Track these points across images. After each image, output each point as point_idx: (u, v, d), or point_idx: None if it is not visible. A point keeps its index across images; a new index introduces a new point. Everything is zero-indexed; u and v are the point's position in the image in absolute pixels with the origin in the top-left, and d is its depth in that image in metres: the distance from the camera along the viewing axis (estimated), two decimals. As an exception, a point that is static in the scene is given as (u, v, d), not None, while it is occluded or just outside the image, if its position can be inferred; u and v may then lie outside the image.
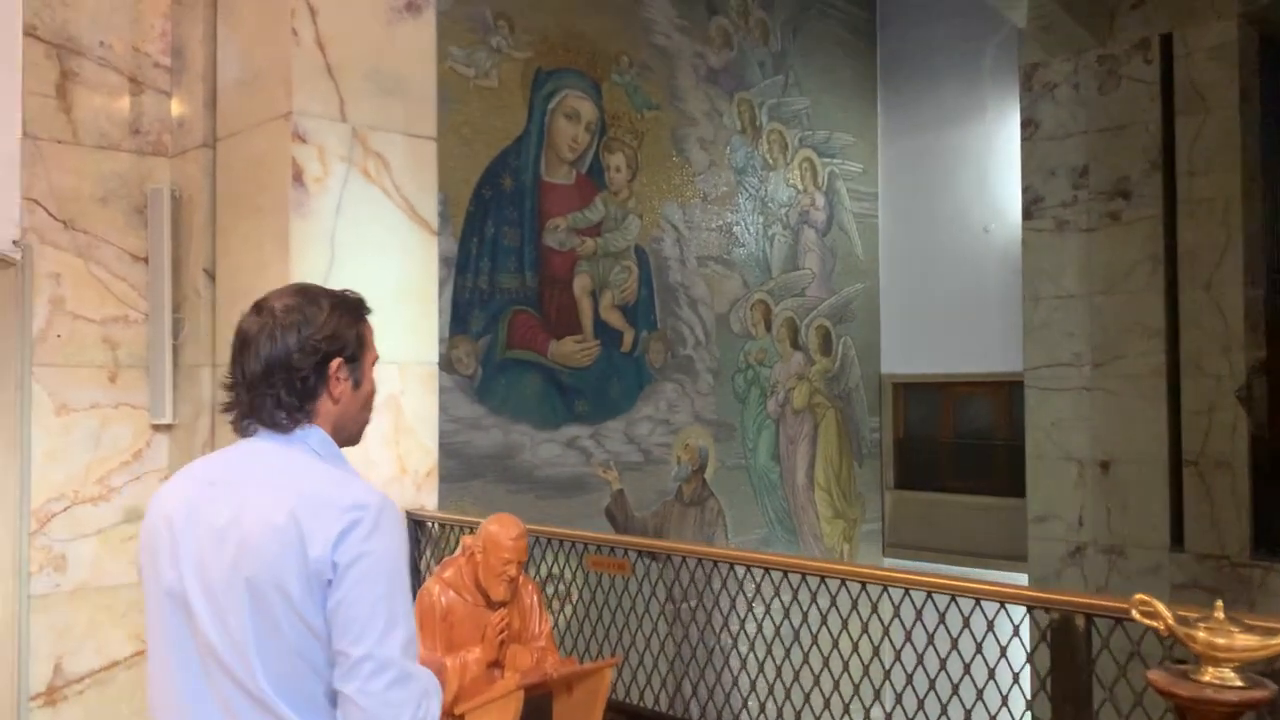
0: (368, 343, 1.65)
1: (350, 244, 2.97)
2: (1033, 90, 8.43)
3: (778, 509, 8.87)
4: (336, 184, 2.95)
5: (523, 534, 2.39)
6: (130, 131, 3.38)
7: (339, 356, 1.60)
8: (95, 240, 3.31)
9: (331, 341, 1.60)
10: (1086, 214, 8.13)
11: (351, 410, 1.63)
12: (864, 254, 9.74)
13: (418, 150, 3.11)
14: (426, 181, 3.13)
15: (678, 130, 8.17)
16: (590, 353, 7.49)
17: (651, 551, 2.56)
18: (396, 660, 1.42)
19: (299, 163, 2.88)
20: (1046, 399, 8.35)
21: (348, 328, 1.62)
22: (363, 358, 1.63)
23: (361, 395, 1.64)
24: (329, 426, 1.62)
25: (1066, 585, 8.14)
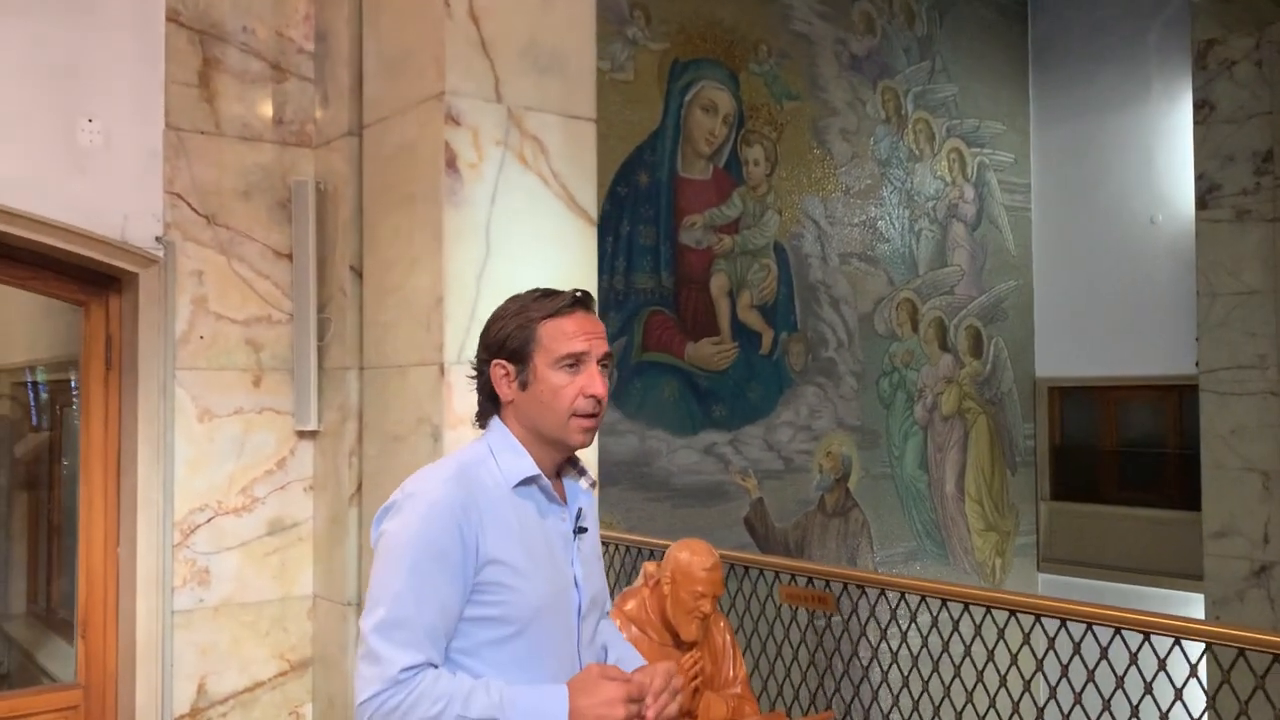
0: (542, 343, 1.63)
1: (506, 235, 2.72)
2: (1207, 69, 7.75)
3: (925, 521, 8.39)
4: (491, 170, 2.70)
5: (718, 564, 2.07)
6: (273, 121, 3.21)
7: (499, 358, 1.65)
8: (238, 236, 3.14)
9: (493, 343, 1.67)
10: (1272, 202, 7.43)
11: (532, 411, 1.64)
12: (1016, 249, 9.17)
13: (576, 133, 2.84)
14: (585, 167, 2.86)
15: (819, 121, 7.79)
16: (728, 355, 7.19)
17: (860, 584, 2.22)
18: (367, 637, 1.53)
19: (452, 147, 2.64)
20: (1225, 404, 7.67)
21: (518, 329, 1.64)
22: (532, 358, 1.63)
23: (536, 396, 1.63)
24: (517, 425, 1.67)
25: (1249, 608, 7.47)
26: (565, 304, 1.64)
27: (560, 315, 1.63)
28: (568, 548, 1.66)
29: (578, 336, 1.62)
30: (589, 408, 1.62)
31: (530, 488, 1.63)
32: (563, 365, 1.61)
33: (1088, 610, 2.24)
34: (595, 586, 1.73)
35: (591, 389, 1.62)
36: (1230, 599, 7.61)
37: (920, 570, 8.22)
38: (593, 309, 1.69)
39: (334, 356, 3.12)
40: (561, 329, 1.63)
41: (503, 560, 1.57)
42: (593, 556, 1.73)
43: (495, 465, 1.63)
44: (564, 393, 1.61)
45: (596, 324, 1.67)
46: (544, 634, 1.60)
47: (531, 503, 1.63)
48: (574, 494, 1.72)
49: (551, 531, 1.64)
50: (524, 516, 1.61)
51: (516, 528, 1.59)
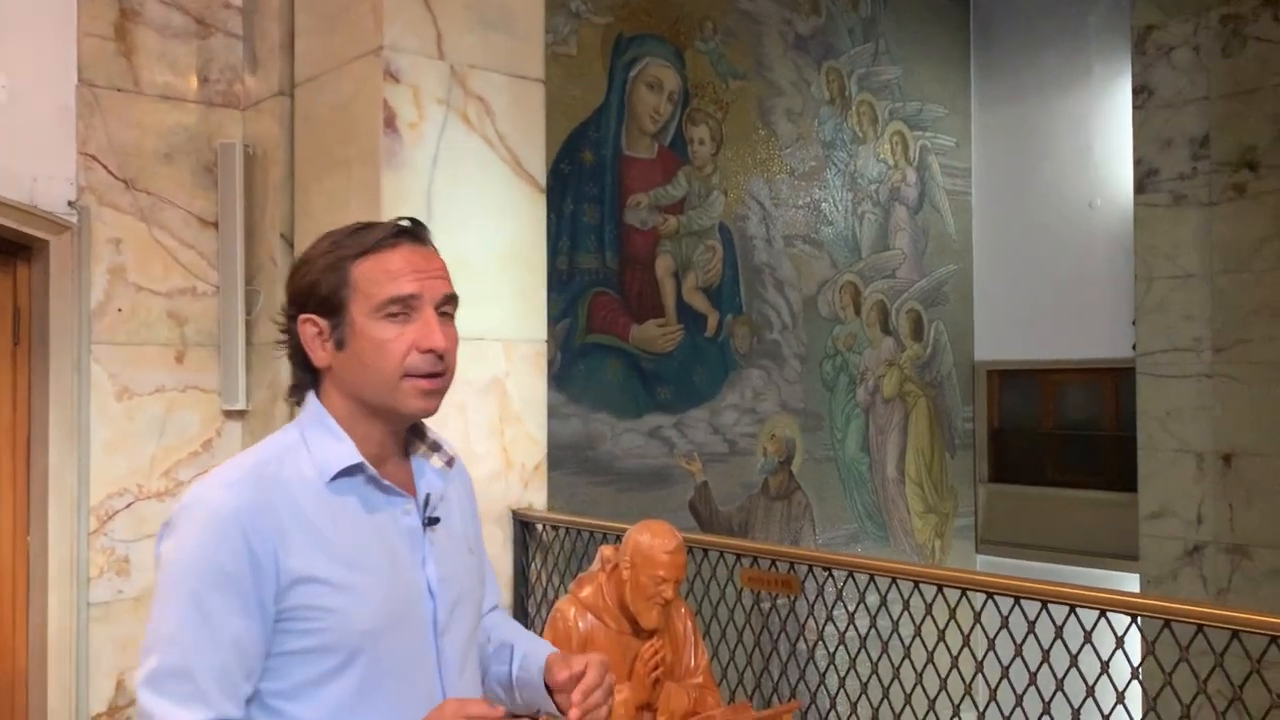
0: (358, 287, 1.30)
1: (448, 201, 2.56)
2: (1146, 54, 7.82)
3: (867, 503, 8.39)
4: (433, 131, 2.53)
5: (681, 546, 1.95)
6: (198, 80, 3.00)
7: (307, 312, 1.34)
8: (159, 202, 2.93)
9: (299, 293, 1.36)
10: (1207, 187, 7.52)
11: (353, 375, 1.32)
12: (957, 233, 9.19)
13: (523, 94, 2.68)
14: (533, 131, 2.71)
15: (764, 101, 7.69)
16: (673, 337, 7.08)
17: (827, 565, 2.11)
18: (137, 692, 1.24)
19: (391, 106, 2.47)
20: (1162, 387, 7.77)
21: (327, 271, 1.32)
22: (347, 308, 1.30)
23: (355, 356, 1.31)
24: (340, 398, 1.35)
25: (1183, 587, 7.60)
26: (386, 236, 1.32)
27: (380, 250, 1.31)
28: (416, 547, 1.35)
29: (404, 275, 1.30)
30: (426, 365, 1.30)
31: (353, 479, 1.32)
32: (386, 313, 1.29)
33: (1045, 589, 2.18)
34: (460, 586, 1.40)
35: (427, 341, 1.29)
36: (1165, 578, 7.73)
37: (862, 552, 8.22)
38: (427, 241, 1.36)
39: (263, 331, 2.94)
40: (382, 267, 1.30)
41: (314, 577, 1.25)
42: (455, 551, 1.41)
43: (307, 455, 1.32)
44: (390, 348, 1.29)
45: (432, 259, 1.34)
46: (385, 662, 1.28)
47: (355, 498, 1.31)
48: (424, 476, 1.41)
49: (388, 530, 1.33)
50: (344, 517, 1.30)
51: (332, 533, 1.28)
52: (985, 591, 2.06)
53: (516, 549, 2.62)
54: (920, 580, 2.06)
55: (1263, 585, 7.23)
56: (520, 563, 2.64)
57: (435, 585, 1.35)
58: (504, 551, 2.68)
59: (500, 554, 2.67)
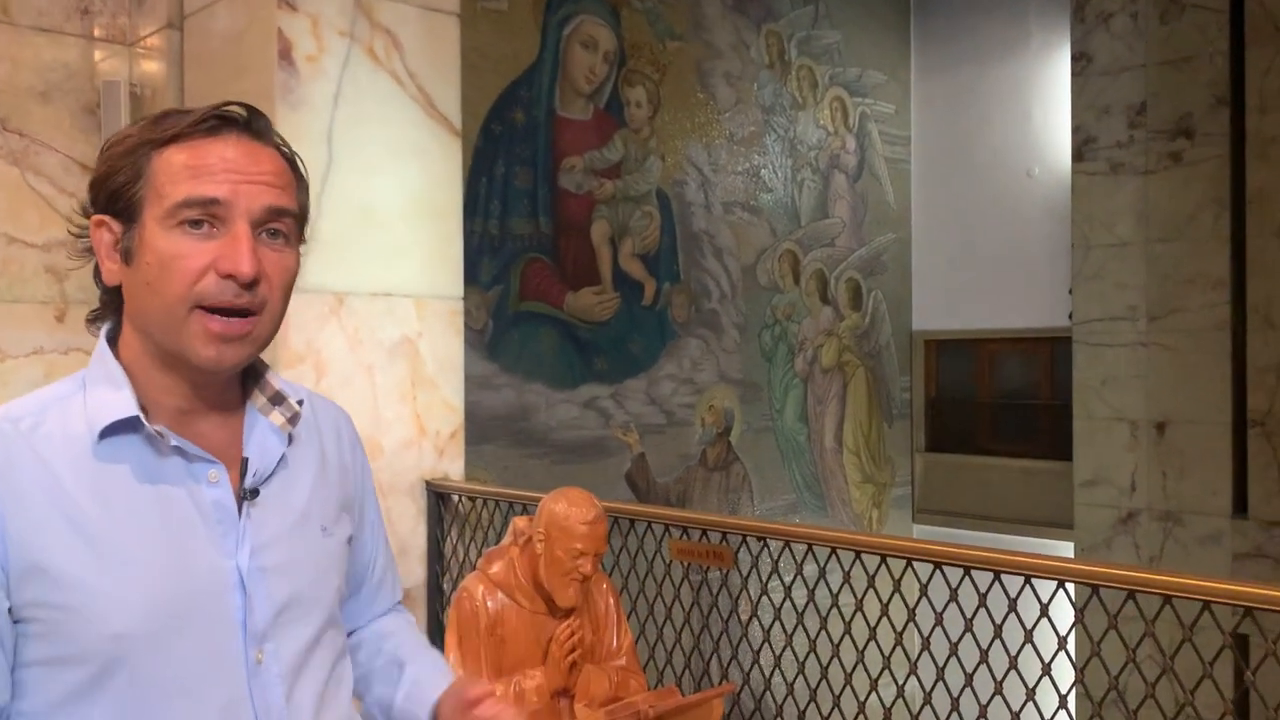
0: (153, 183, 1.00)
1: (352, 143, 2.34)
2: (1085, 21, 7.78)
3: (805, 474, 8.34)
4: (334, 66, 2.31)
5: (601, 517, 1.77)
6: (77, 11, 2.73)
7: (102, 211, 1.04)
8: (34, 145, 2.66)
9: (92, 186, 1.05)
10: (1144, 155, 7.52)
11: (137, 302, 1.02)
12: (896, 202, 9.12)
13: (435, 28, 2.46)
14: (447, 69, 2.49)
15: (702, 63, 7.51)
16: (609, 306, 6.91)
17: (762, 535, 1.96)
18: None
19: (286, 36, 2.24)
20: (1097, 355, 7.79)
21: (124, 158, 1.02)
22: (141, 211, 1.01)
23: (140, 274, 1.01)
24: (128, 329, 1.06)
25: (1117, 554, 7.66)
26: (201, 120, 1.02)
27: (192, 139, 1.01)
28: (224, 527, 1.04)
29: (213, 173, 0.99)
30: (221, 294, 0.99)
31: (130, 438, 1.02)
32: (180, 220, 0.99)
33: (997, 558, 2.05)
34: (298, 579, 1.08)
35: (227, 264, 0.98)
36: (1099, 546, 7.78)
37: (800, 522, 8.17)
38: (264, 136, 1.06)
39: (154, 288, 2.70)
40: (187, 159, 1.00)
41: (48, 565, 0.97)
42: (293, 532, 1.09)
43: (82, 406, 1.03)
44: (177, 266, 0.98)
45: (261, 158, 1.03)
46: (157, 678, 0.99)
47: (129, 463, 1.01)
48: (256, 436, 1.10)
49: (176, 504, 1.03)
50: (110, 488, 1.00)
51: (88, 507, 0.99)
52: (908, 558, 1.93)
53: (430, 523, 2.43)
54: (861, 550, 1.91)
55: (1194, 552, 7.30)
56: (435, 538, 2.45)
57: (249, 577, 1.04)
58: (417, 526, 2.49)
59: (413, 529, 2.48)
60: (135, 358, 1.06)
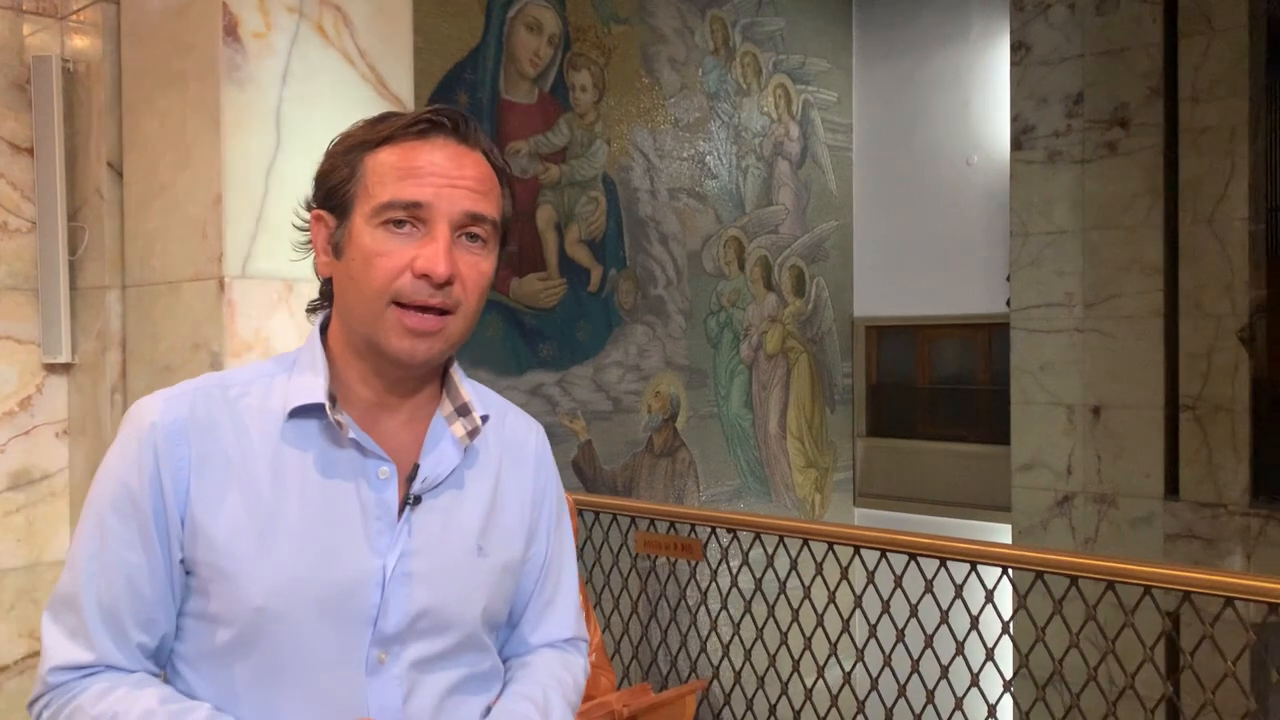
0: (364, 183, 1.03)
1: (301, 123, 2.26)
2: (1024, 11, 7.88)
3: (750, 459, 8.37)
4: (283, 43, 2.23)
5: (569, 510, 1.73)
6: (6, -17, 2.61)
7: (321, 206, 1.08)
8: (-39, 123, 2.54)
9: (314, 182, 1.09)
10: (1081, 144, 7.65)
11: (343, 294, 1.07)
12: (838, 189, 9.18)
13: (388, 6, 2.39)
14: (399, 48, 2.42)
15: (648, 48, 7.46)
16: (556, 292, 6.84)
17: (732, 527, 1.93)
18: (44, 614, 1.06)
19: (232, 11, 2.15)
20: (1035, 341, 7.93)
21: (341, 156, 1.06)
22: (352, 208, 1.04)
23: (346, 269, 1.04)
24: (336, 320, 1.10)
25: (1053, 536, 7.82)
26: (413, 123, 1.04)
27: (403, 141, 1.03)
28: (382, 525, 1.05)
29: (419, 176, 1.02)
30: (416, 293, 1.01)
31: (313, 422, 1.05)
32: (385, 219, 1.01)
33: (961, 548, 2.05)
34: (441, 593, 1.07)
35: (424, 263, 1.00)
36: (1035, 529, 7.93)
37: (744, 508, 8.20)
38: (471, 140, 1.06)
39: (90, 273, 2.59)
40: (397, 161, 1.02)
41: (210, 529, 1.02)
42: (448, 546, 1.09)
43: (285, 382, 1.07)
44: (379, 263, 1.01)
45: (465, 164, 1.04)
46: (288, 654, 1.02)
47: (315, 448, 1.05)
48: (435, 441, 1.10)
49: (344, 497, 1.05)
50: (290, 467, 1.04)
51: (266, 481, 1.03)
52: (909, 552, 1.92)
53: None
54: (834, 541, 1.90)
55: (1128, 533, 7.48)
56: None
57: (391, 579, 1.05)
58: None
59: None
60: (340, 346, 1.09)
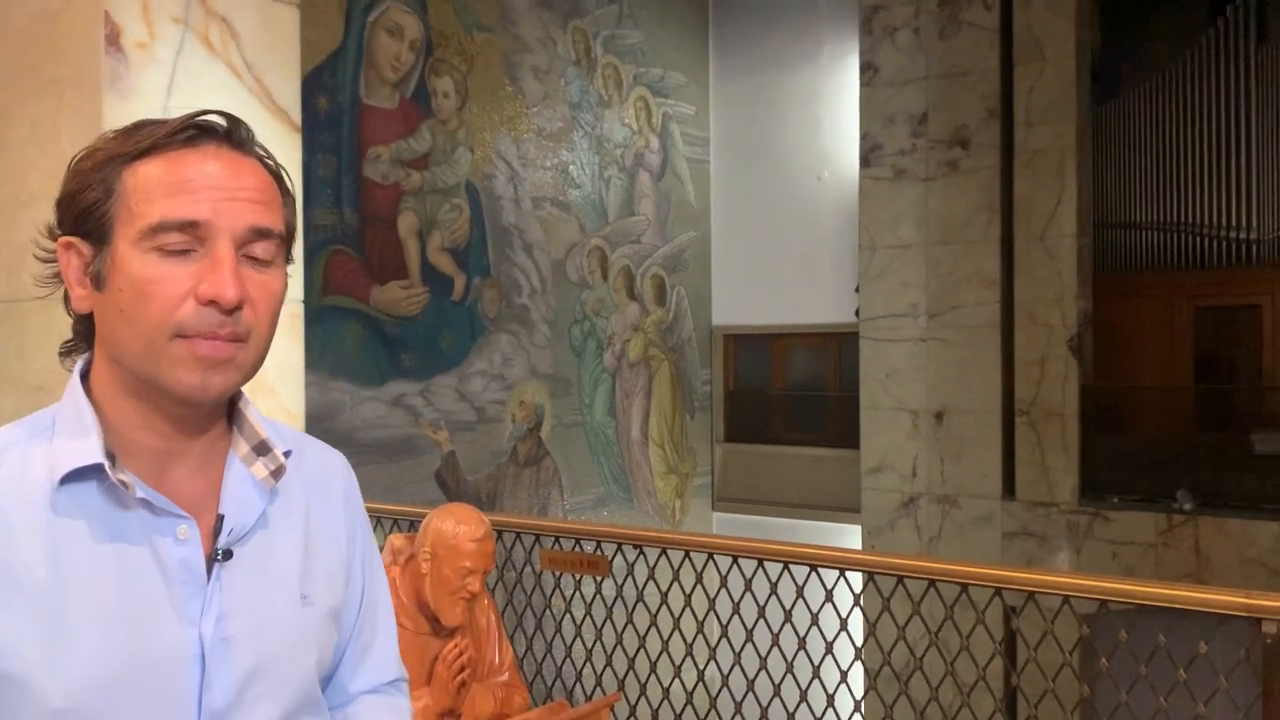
0: (126, 201, 0.89)
1: (188, 138, 2.19)
2: (873, 33, 8.23)
3: (613, 466, 8.45)
4: (168, 54, 2.15)
5: (490, 534, 1.72)
6: None
7: (65, 230, 0.92)
8: None
9: (59, 204, 0.93)
10: (925, 163, 8.04)
11: (110, 329, 0.91)
12: (697, 201, 9.38)
13: (275, 18, 2.34)
14: (286, 61, 2.37)
15: (511, 56, 7.46)
16: (418, 300, 6.75)
17: (637, 543, 1.97)
18: None
19: (115, 20, 2.07)
20: (881, 349, 8.28)
21: (93, 173, 0.91)
22: (111, 231, 0.89)
23: (113, 301, 0.90)
24: (102, 360, 0.94)
25: (900, 535, 8.17)
26: (178, 130, 0.91)
27: (168, 150, 0.90)
28: (189, 590, 0.92)
29: (193, 191, 0.89)
30: (204, 323, 0.88)
31: (91, 485, 0.91)
32: (157, 244, 0.88)
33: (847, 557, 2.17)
34: (267, 650, 0.96)
35: (209, 288, 0.88)
36: (883, 528, 8.26)
37: (608, 515, 8.27)
38: (245, 146, 0.94)
39: (-54, 290, 2.43)
40: (164, 175, 0.89)
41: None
42: (268, 599, 0.97)
43: (46, 448, 0.92)
44: (154, 292, 0.88)
45: (243, 172, 0.92)
46: None
47: (86, 516, 0.90)
48: (234, 489, 0.97)
49: (135, 564, 0.91)
50: (66, 543, 0.90)
51: (38, 565, 0.89)
52: (809, 564, 2.01)
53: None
54: (739, 555, 1.97)
55: (969, 532, 7.89)
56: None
57: (211, 648, 0.92)
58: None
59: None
60: (108, 391, 0.94)
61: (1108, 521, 7.34)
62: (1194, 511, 7.01)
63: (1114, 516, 7.31)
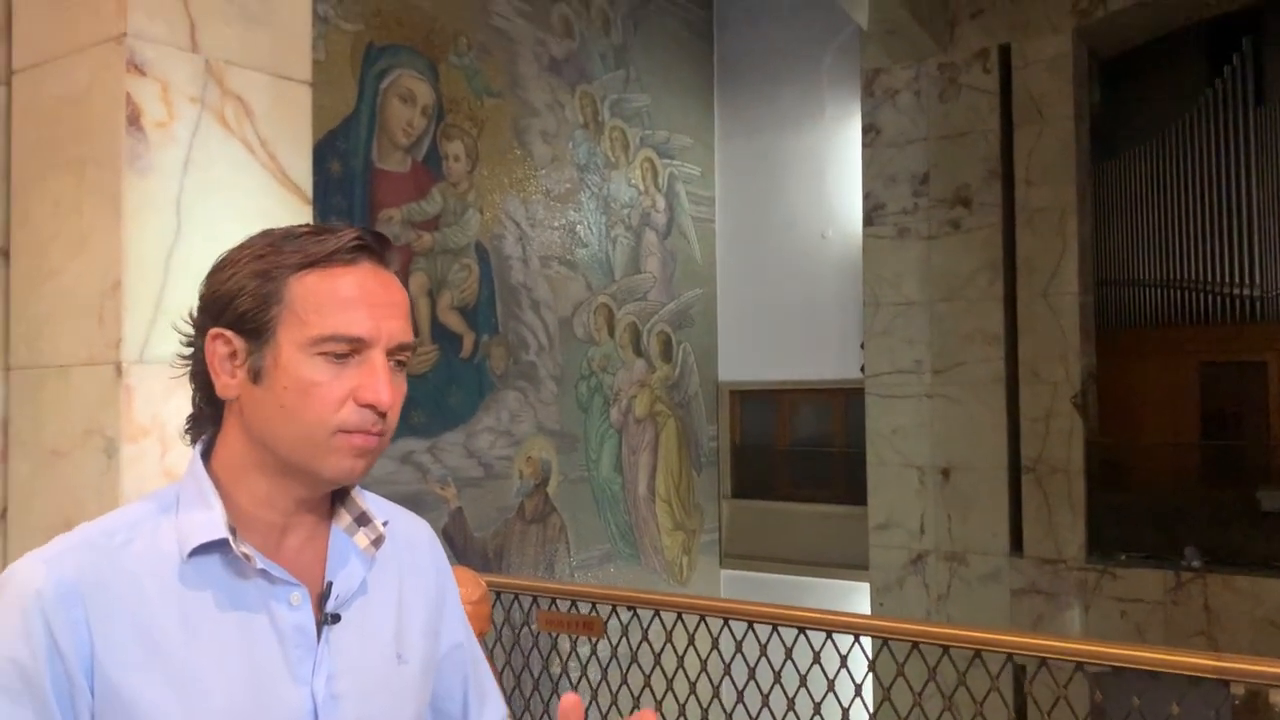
0: (293, 307, 0.98)
1: (202, 211, 2.29)
2: (874, 96, 8.41)
3: (620, 523, 8.46)
4: (185, 132, 2.26)
5: (486, 595, 1.77)
6: (-117, 58, 2.54)
7: (221, 325, 1.01)
8: None
9: (215, 300, 1.02)
10: (927, 221, 8.16)
11: (266, 418, 1.00)
12: (702, 259, 9.50)
13: (288, 96, 2.45)
14: (298, 137, 2.48)
15: (519, 120, 7.63)
16: (428, 359, 6.85)
17: (634, 605, 2.02)
18: None
19: (136, 101, 2.18)
20: (887, 406, 8.33)
21: (257, 278, 0.99)
22: (273, 332, 0.99)
23: (274, 394, 0.99)
24: (240, 441, 1.03)
25: (908, 593, 8.14)
26: (341, 248, 1.00)
27: (331, 265, 0.99)
28: (301, 651, 1.02)
29: (357, 308, 0.99)
30: (362, 422, 0.99)
31: (217, 558, 1.00)
32: (324, 351, 0.98)
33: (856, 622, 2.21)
34: (369, 707, 1.05)
35: (369, 394, 0.98)
36: (892, 586, 8.24)
37: (614, 572, 8.27)
38: (389, 263, 1.04)
39: (-32, 354, 2.52)
40: (331, 289, 0.99)
41: (122, 692, 0.95)
42: (370, 659, 1.07)
43: (173, 523, 1.01)
44: (321, 394, 0.98)
45: (392, 289, 1.02)
46: None
47: (212, 587, 1.00)
48: (339, 557, 1.07)
49: (257, 630, 1.01)
50: (197, 612, 0.99)
51: (176, 634, 0.97)
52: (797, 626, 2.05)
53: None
54: (730, 617, 2.01)
55: (977, 589, 7.87)
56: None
57: (323, 704, 1.02)
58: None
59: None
60: (237, 468, 1.04)
61: (1115, 579, 7.33)
62: (1202, 569, 7.00)
63: (1122, 574, 7.30)
